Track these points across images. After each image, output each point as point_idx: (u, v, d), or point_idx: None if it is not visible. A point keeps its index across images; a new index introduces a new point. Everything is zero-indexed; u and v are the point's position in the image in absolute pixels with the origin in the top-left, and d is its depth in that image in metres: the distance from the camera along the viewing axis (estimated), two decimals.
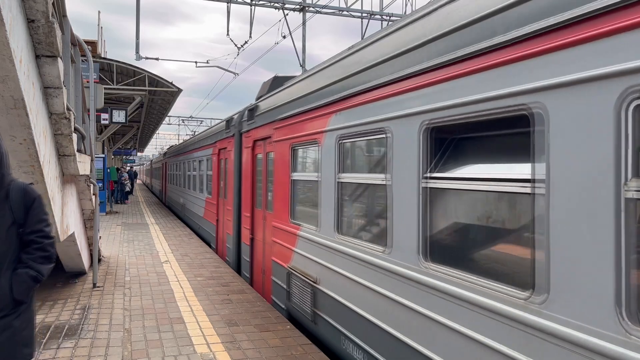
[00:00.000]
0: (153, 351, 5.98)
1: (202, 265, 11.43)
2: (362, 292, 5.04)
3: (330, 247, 5.77)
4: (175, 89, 24.64)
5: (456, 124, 3.67)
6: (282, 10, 19.21)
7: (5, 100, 4.22)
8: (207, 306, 7.96)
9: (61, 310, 7.59)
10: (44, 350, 5.89)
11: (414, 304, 4.11)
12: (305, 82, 6.89)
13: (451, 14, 3.77)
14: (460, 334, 3.55)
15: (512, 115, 3.10)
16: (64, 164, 6.70)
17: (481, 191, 3.48)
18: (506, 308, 3.11)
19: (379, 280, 4.72)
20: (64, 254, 8.98)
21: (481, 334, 3.34)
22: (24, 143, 4.84)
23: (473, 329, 3.41)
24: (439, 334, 3.79)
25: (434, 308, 3.85)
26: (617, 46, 2.42)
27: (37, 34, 4.50)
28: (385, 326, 4.57)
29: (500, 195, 3.38)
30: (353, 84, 5.22)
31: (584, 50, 2.58)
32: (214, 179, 14.21)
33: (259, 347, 6.17)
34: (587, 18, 2.56)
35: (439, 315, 3.78)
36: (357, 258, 5.16)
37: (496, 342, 3.20)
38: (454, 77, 3.63)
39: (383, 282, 4.63)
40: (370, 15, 20.36)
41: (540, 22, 2.85)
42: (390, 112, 4.51)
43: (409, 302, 4.19)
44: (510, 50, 3.11)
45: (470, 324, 3.45)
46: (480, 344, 3.34)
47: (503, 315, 3.14)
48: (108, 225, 19.03)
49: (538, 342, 2.88)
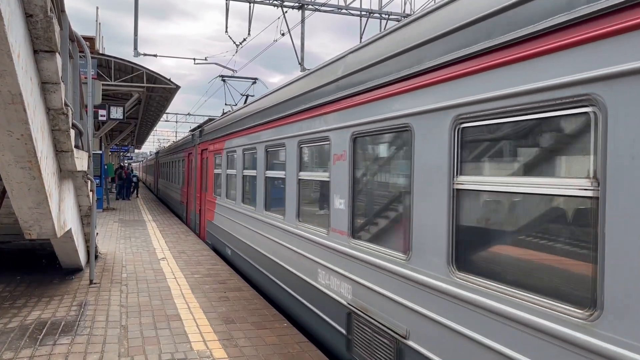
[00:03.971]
0: (150, 348, 5.97)
1: (199, 262, 11.41)
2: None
3: (235, 210, 10.90)
4: (174, 86, 24.58)
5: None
6: (281, 7, 19.17)
7: (3, 95, 4.20)
8: (204, 303, 7.95)
9: (57, 306, 7.57)
10: (40, 346, 5.88)
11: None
12: (220, 121, 13.62)
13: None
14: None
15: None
16: (61, 159, 6.67)
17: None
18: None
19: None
20: (61, 250, 8.95)
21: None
22: (22, 138, 4.81)
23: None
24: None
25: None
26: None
27: (35, 29, 4.48)
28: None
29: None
30: (234, 127, 11.24)
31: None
32: (185, 174, 20.58)
33: (255, 344, 6.16)
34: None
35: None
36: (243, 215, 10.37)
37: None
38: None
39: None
40: (369, 13, 20.35)
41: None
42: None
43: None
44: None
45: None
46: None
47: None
48: (105, 221, 18.99)
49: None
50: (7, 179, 5.51)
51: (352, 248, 5.39)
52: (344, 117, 5.61)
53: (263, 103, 9.21)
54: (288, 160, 7.43)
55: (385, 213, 5.05)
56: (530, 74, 3.05)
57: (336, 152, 5.80)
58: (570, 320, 2.76)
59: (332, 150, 5.90)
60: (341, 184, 5.68)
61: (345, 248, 5.57)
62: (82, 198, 9.06)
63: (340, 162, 5.69)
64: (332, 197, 5.88)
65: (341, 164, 5.68)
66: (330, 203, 5.94)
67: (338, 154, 5.75)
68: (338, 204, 5.75)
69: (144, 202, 30.33)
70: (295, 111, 7.15)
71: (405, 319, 4.34)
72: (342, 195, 5.66)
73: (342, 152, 5.66)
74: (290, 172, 7.36)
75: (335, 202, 5.83)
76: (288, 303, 7.54)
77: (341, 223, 5.68)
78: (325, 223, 6.13)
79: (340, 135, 5.72)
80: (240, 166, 10.55)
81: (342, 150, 5.68)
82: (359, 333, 5.18)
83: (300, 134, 6.94)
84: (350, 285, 5.46)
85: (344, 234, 5.63)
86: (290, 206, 7.37)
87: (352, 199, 5.47)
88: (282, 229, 7.72)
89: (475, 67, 3.52)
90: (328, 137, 6.00)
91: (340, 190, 5.71)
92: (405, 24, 4.71)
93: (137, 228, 17.51)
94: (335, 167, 5.83)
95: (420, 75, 4.16)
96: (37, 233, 6.52)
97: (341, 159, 5.67)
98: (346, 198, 5.55)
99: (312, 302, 6.52)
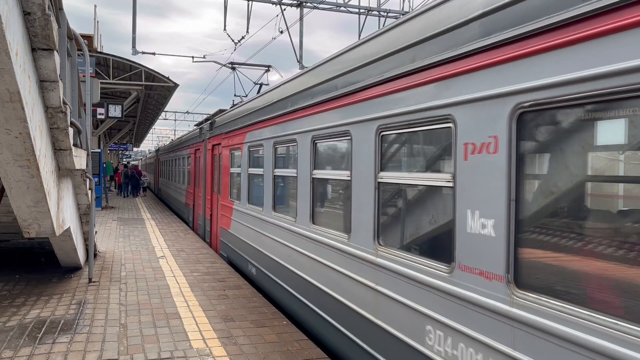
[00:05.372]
0: (149, 346, 5.97)
1: (198, 260, 11.41)
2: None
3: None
4: (172, 84, 24.54)
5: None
6: (279, 5, 19.14)
7: (1, 94, 4.19)
8: (204, 302, 7.95)
9: (57, 305, 7.56)
10: (39, 345, 5.88)
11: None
12: (239, 109, 11.31)
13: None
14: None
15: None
16: (60, 158, 6.66)
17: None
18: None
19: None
20: (60, 248, 8.95)
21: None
22: (20, 137, 4.80)
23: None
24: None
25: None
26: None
27: (33, 27, 4.47)
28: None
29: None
30: (260, 114, 8.99)
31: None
32: (191, 174, 18.73)
33: (255, 342, 6.17)
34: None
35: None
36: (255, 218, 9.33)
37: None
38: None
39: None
40: (367, 11, 20.32)
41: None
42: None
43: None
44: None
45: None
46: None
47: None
48: (104, 220, 18.97)
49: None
50: (6, 177, 5.50)
51: (517, 305, 3.16)
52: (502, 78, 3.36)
53: (314, 76, 6.55)
54: (355, 157, 5.27)
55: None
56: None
57: (471, 140, 3.55)
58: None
59: (459, 138, 3.68)
60: (483, 191, 3.44)
61: (498, 304, 3.29)
62: (81, 196, 9.06)
63: (483, 156, 3.45)
64: (459, 211, 3.68)
65: (484, 159, 3.43)
66: (454, 222, 3.72)
67: (476, 143, 3.51)
68: (477, 226, 3.49)
69: (143, 201, 30.32)
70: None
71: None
72: (488, 211, 3.39)
73: (488, 139, 3.40)
74: (360, 172, 5.17)
75: (469, 221, 3.57)
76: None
77: (487, 259, 3.39)
78: (444, 253, 3.91)
79: (487, 110, 3.41)
80: (270, 164, 8.30)
81: (486, 136, 3.40)
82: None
83: (391, 115, 4.58)
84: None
85: (494, 280, 3.34)
86: (362, 221, 5.10)
87: (515, 218, 3.21)
88: (347, 253, 5.43)
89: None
90: (450, 116, 3.78)
91: (481, 201, 3.46)
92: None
93: (136, 226, 17.50)
94: (469, 164, 3.59)
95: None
96: (35, 231, 6.51)
97: (486, 150, 3.42)
98: (500, 216, 3.29)
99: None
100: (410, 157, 4.81)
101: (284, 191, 8.10)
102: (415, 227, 4.71)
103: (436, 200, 4.33)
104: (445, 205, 4.02)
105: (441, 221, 4.15)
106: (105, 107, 22.24)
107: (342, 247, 5.54)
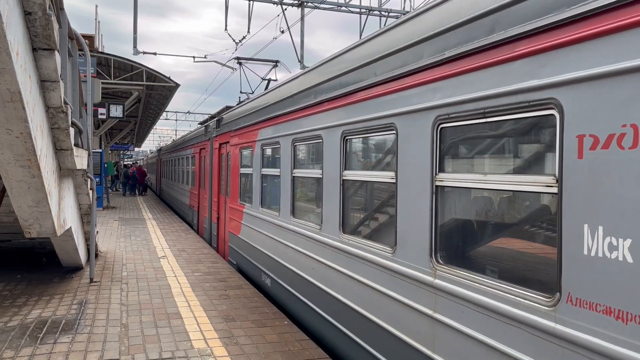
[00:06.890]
0: (150, 346, 5.96)
1: (199, 260, 11.41)
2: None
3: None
4: (173, 84, 24.53)
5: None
6: (280, 5, 19.13)
7: (2, 93, 4.18)
8: (205, 302, 7.94)
9: (58, 305, 7.56)
10: (40, 345, 5.87)
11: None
12: (250, 104, 10.27)
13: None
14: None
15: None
16: (61, 158, 6.66)
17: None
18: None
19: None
20: (61, 248, 8.95)
21: None
22: (21, 137, 4.80)
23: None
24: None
25: None
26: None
27: (34, 27, 4.46)
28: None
29: None
30: (276, 108, 8.14)
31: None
32: (196, 174, 17.96)
33: (256, 342, 6.16)
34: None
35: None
36: (268, 222, 8.55)
37: None
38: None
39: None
40: (368, 11, 20.30)
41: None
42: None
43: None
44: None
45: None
46: None
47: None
48: (105, 220, 18.98)
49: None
50: (7, 177, 5.50)
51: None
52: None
53: (345, 62, 5.64)
54: (402, 155, 4.43)
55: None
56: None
57: (590, 131, 2.64)
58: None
59: (568, 130, 2.77)
60: (611, 200, 2.52)
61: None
62: (82, 196, 9.06)
63: (611, 152, 2.53)
64: (567, 226, 2.76)
65: (614, 156, 2.52)
66: (560, 240, 2.80)
67: (599, 135, 2.59)
68: (600, 248, 2.57)
69: (144, 201, 30.33)
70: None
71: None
72: (619, 227, 2.48)
73: (621, 129, 2.47)
74: (410, 174, 4.33)
75: (586, 239, 2.64)
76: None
77: (619, 292, 2.47)
78: (541, 281, 3.10)
79: (618, 90, 2.52)
80: (288, 164, 7.38)
81: (619, 125, 2.48)
82: None
83: (456, 102, 3.70)
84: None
85: (630, 322, 2.40)
86: (411, 232, 4.27)
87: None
88: (392, 270, 4.58)
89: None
90: (553, 100, 2.87)
91: (608, 213, 2.53)
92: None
93: (137, 226, 17.51)
94: (585, 163, 2.65)
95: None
96: (36, 232, 6.51)
97: (617, 145, 2.49)
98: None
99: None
100: (483, 154, 3.82)
101: (305, 194, 7.28)
102: (491, 243, 3.85)
103: (526, 210, 3.47)
104: (542, 216, 3.20)
105: (536, 237, 3.29)
106: (106, 107, 22.23)
107: (385, 263, 4.68)
